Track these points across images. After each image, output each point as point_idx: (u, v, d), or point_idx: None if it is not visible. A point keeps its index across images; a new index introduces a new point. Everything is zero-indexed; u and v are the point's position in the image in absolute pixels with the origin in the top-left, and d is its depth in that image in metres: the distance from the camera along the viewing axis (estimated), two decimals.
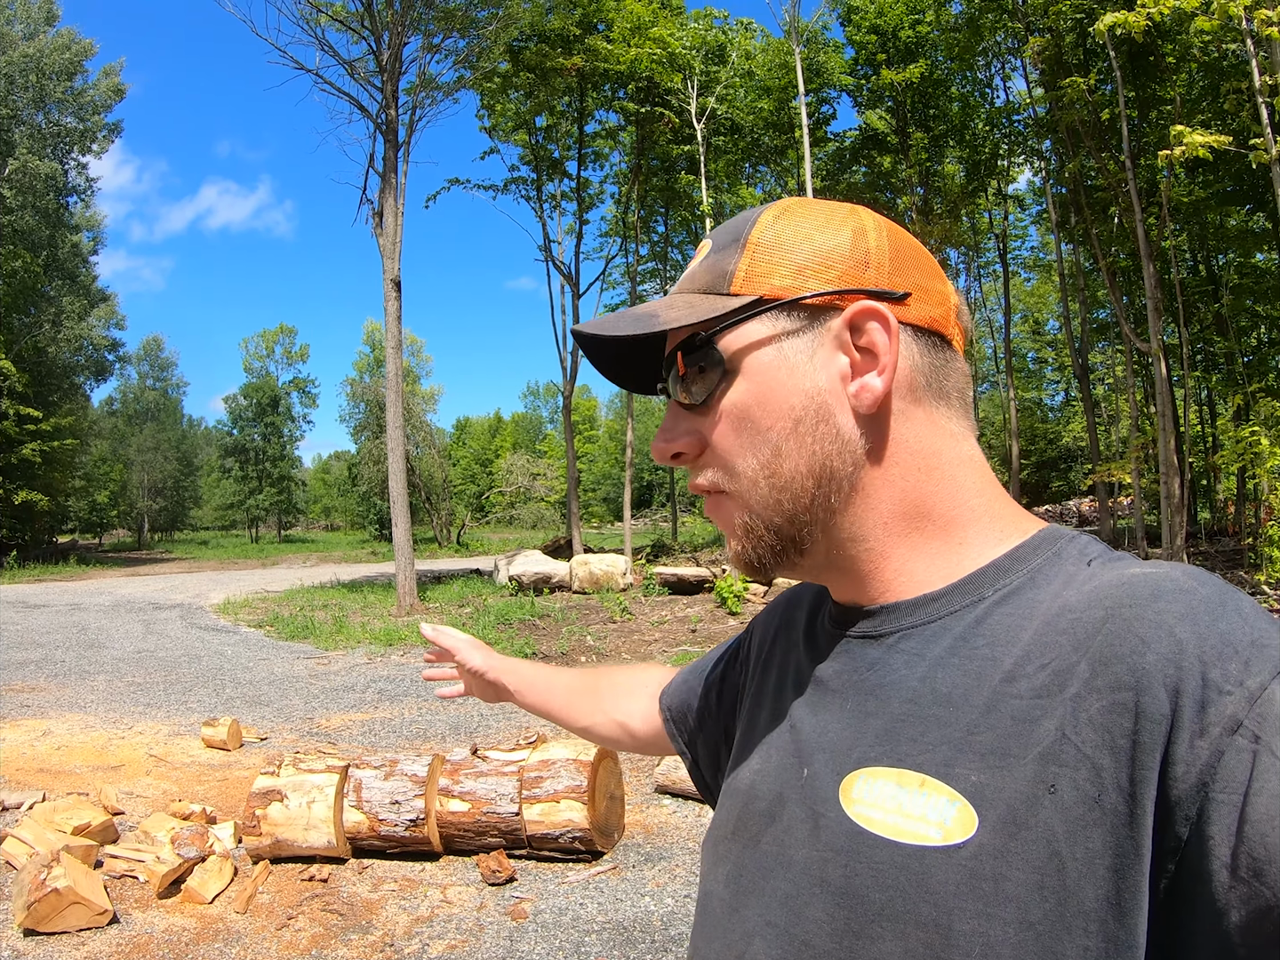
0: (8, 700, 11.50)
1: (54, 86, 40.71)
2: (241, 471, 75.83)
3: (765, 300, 0.88)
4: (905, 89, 29.97)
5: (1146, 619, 0.71)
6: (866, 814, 0.80)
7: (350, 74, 23.04)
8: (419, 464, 53.56)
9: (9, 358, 38.13)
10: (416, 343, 73.29)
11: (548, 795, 5.77)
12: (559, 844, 5.82)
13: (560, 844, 5.82)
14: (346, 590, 25.99)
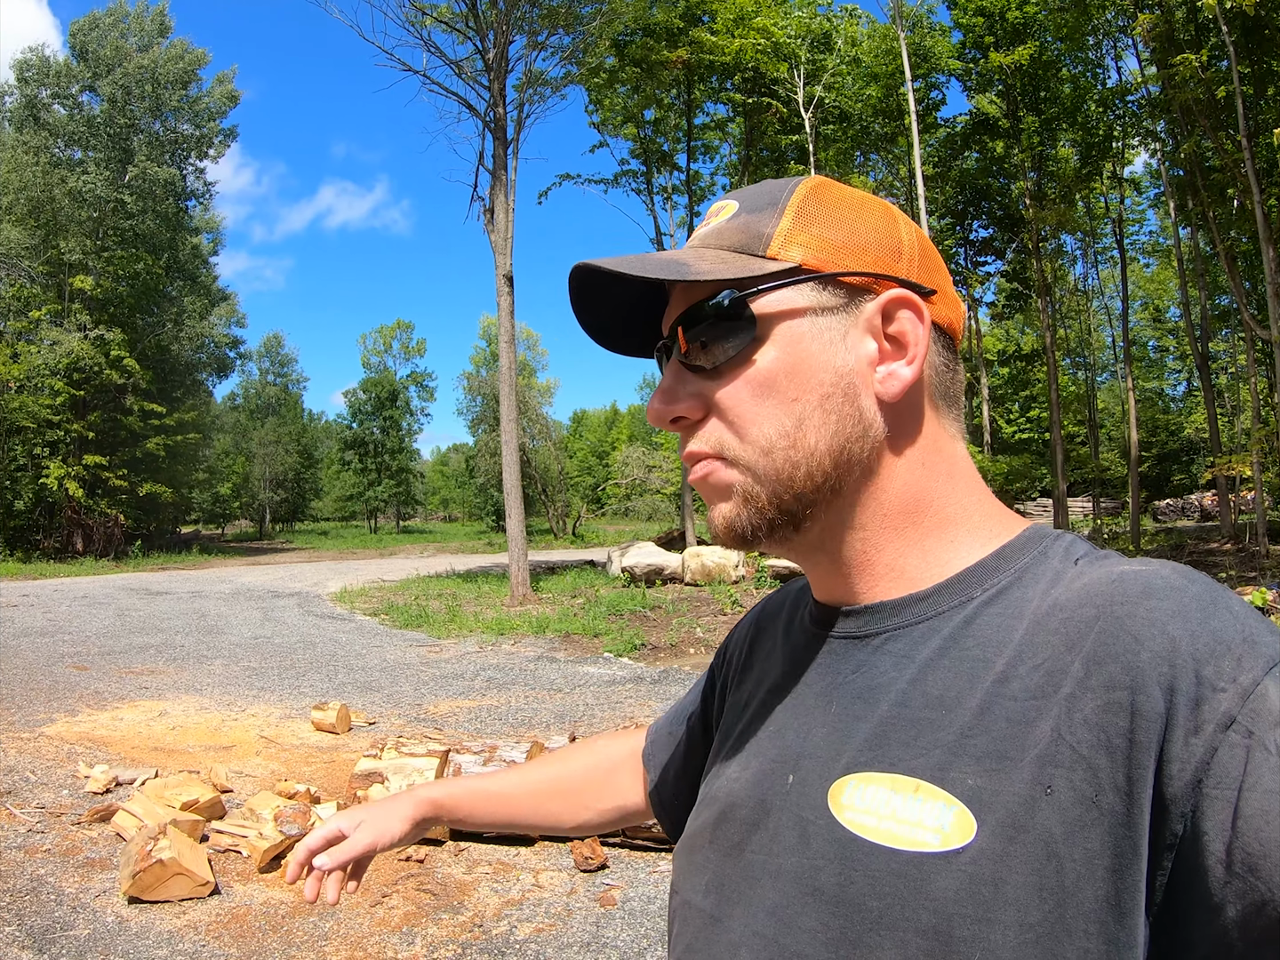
0: (128, 682, 11.98)
1: (169, 95, 42.22)
2: (361, 464, 76.74)
3: (804, 270, 0.87)
4: (1015, 71, 29.27)
5: (1139, 617, 0.72)
6: (859, 820, 0.79)
7: (458, 74, 23.39)
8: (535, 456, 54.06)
9: (133, 356, 39.40)
10: (532, 336, 73.50)
11: None
12: (652, 833, 5.88)
13: (654, 833, 5.87)
14: (461, 580, 26.31)
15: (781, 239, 0.88)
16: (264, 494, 73.66)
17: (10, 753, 8.50)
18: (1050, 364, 32.23)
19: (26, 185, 37.68)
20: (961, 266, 36.43)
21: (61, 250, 38.57)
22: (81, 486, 37.25)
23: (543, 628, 16.61)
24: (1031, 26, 29.35)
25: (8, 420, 36.54)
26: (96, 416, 39.08)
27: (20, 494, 37.36)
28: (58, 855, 6.03)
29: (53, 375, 36.68)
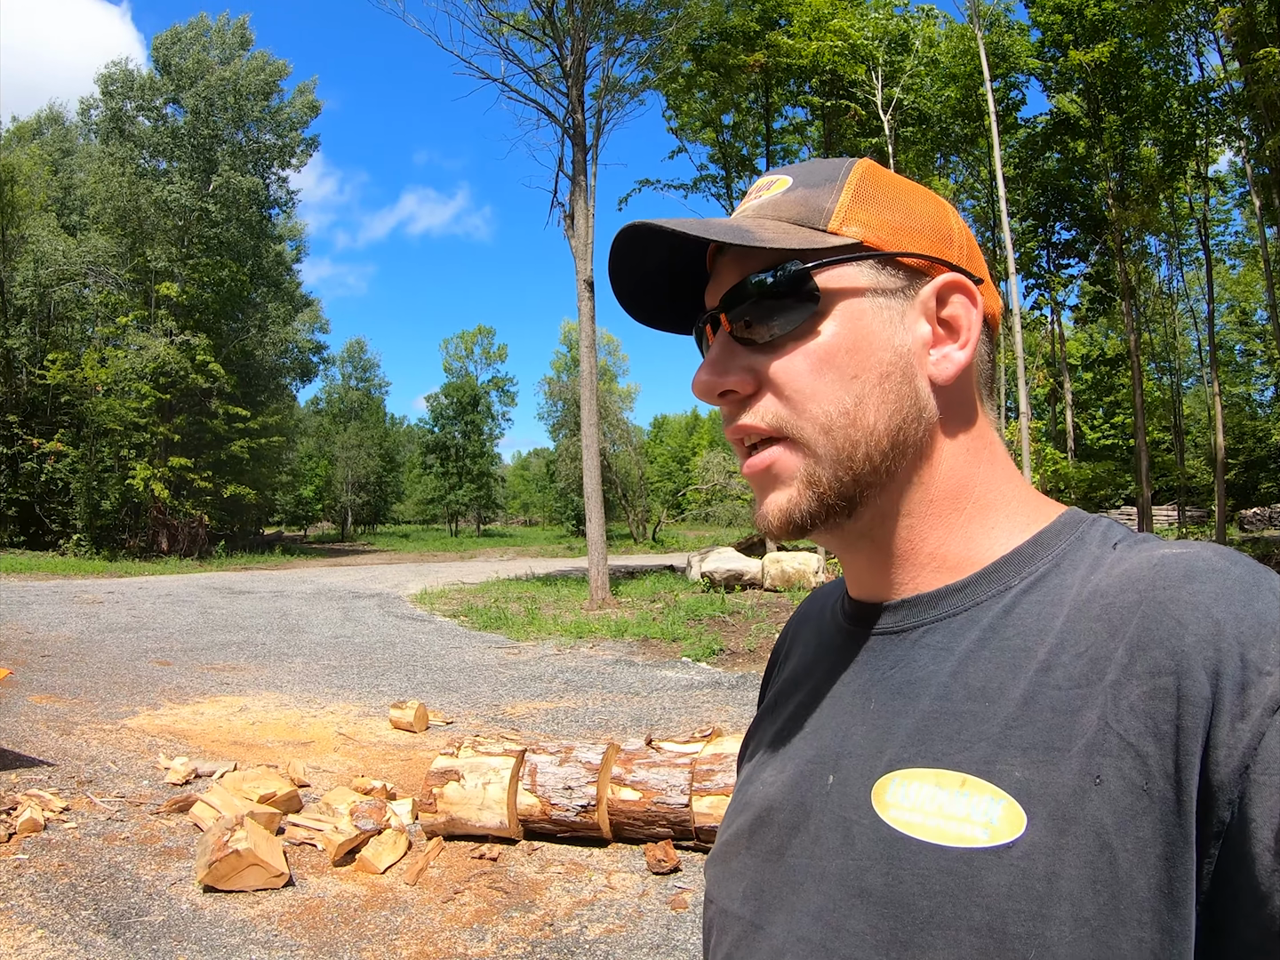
0: (210, 678, 12.21)
1: (251, 106, 43.26)
2: (442, 468, 77.42)
3: (864, 247, 0.86)
4: (1095, 69, 28.76)
5: (1182, 600, 0.70)
6: (905, 818, 0.77)
7: (535, 81, 23.62)
8: (615, 461, 54.21)
9: (218, 361, 40.16)
10: (613, 341, 73.72)
11: (718, 789, 5.78)
12: None
13: None
14: (541, 583, 26.44)
15: (842, 215, 0.87)
16: (346, 496, 74.77)
17: (93, 743, 8.67)
18: (1135, 369, 31.58)
19: (113, 195, 38.66)
20: (1044, 269, 35.89)
21: (148, 258, 39.53)
22: (167, 488, 38.03)
23: (621, 631, 16.64)
24: (1110, 23, 28.80)
25: (96, 423, 37.50)
26: (182, 419, 39.84)
27: (107, 494, 38.19)
28: (136, 843, 6.12)
29: (139, 379, 37.50)
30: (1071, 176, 33.61)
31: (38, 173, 42.21)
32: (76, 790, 7.21)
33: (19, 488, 39.06)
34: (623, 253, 0.92)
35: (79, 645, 14.52)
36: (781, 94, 31.11)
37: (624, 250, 0.92)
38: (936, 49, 29.56)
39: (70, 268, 38.11)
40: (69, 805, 6.81)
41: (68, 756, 8.17)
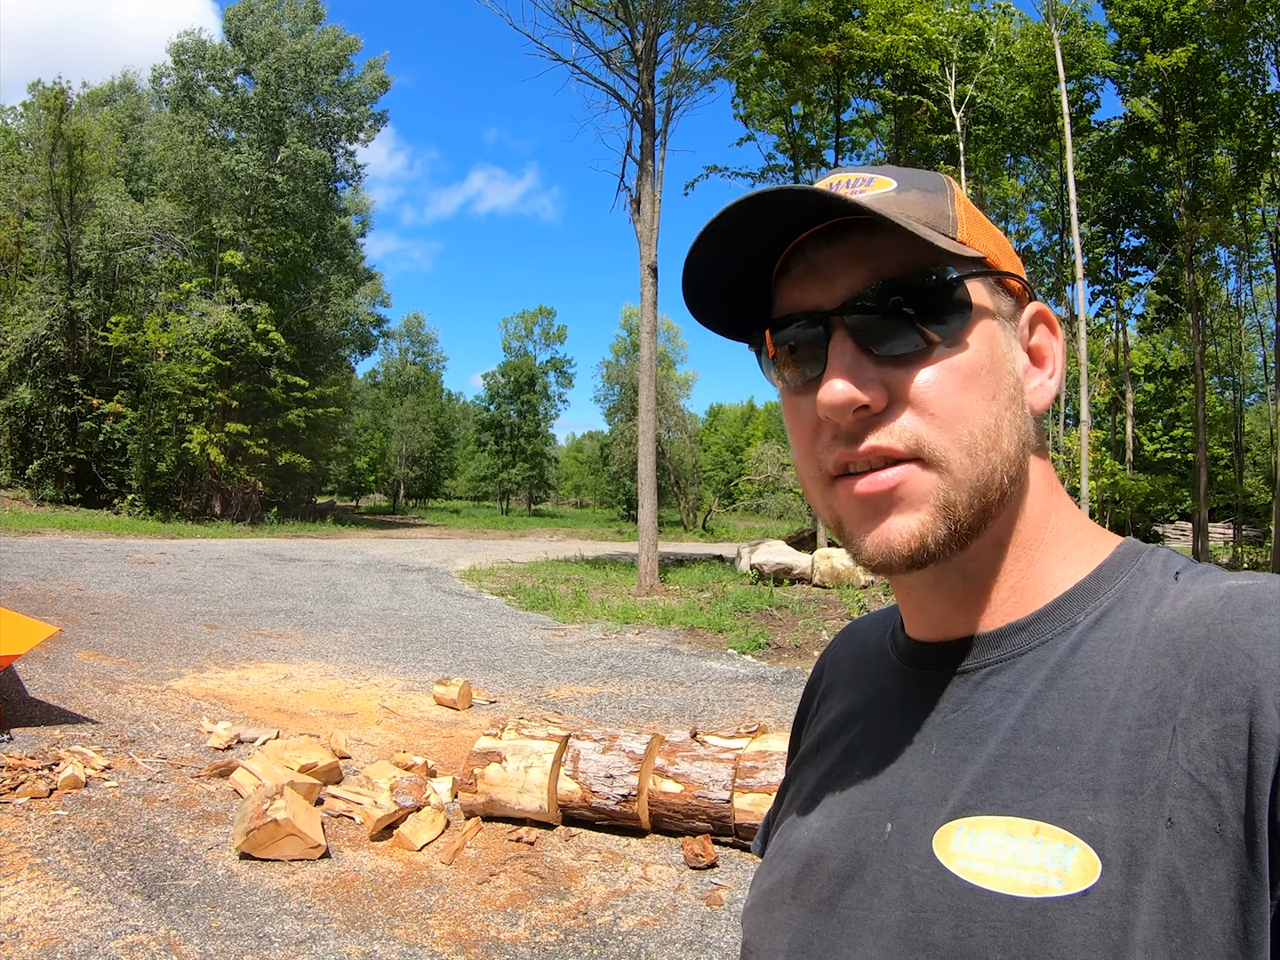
0: (256, 644, 12.30)
1: (321, 80, 43.44)
2: (497, 446, 77.74)
3: (988, 264, 0.83)
4: (1172, 75, 28.28)
5: (1251, 635, 0.68)
6: (975, 869, 0.74)
7: (606, 64, 23.58)
8: (669, 448, 54.27)
9: (279, 330, 40.48)
10: (672, 328, 73.68)
11: (761, 786, 5.73)
12: None
13: None
14: (589, 566, 26.48)
15: (965, 226, 0.83)
16: (400, 469, 75.26)
17: (137, 703, 8.74)
18: (1199, 382, 31.06)
19: (181, 163, 39.14)
20: (1111, 275, 35.37)
21: (213, 226, 40.00)
22: (223, 453, 38.46)
23: (668, 619, 16.61)
24: (1189, 28, 28.26)
25: (155, 386, 37.97)
26: (241, 386, 40.26)
27: (164, 456, 38.79)
28: (175, 806, 6.16)
29: (200, 345, 37.91)
30: (1143, 183, 33.07)
31: (107, 138, 42.61)
32: (119, 749, 7.27)
33: (77, 446, 39.69)
34: (728, 228, 0.83)
35: (129, 605, 14.67)
36: (852, 86, 30.87)
37: (733, 223, 0.82)
38: (1011, 47, 29.15)
39: (136, 233, 38.54)
40: (111, 764, 6.87)
41: (112, 715, 8.24)
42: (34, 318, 38.56)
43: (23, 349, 38.28)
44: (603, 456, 73.52)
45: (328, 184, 46.00)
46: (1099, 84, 32.05)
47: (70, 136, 38.27)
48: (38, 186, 39.57)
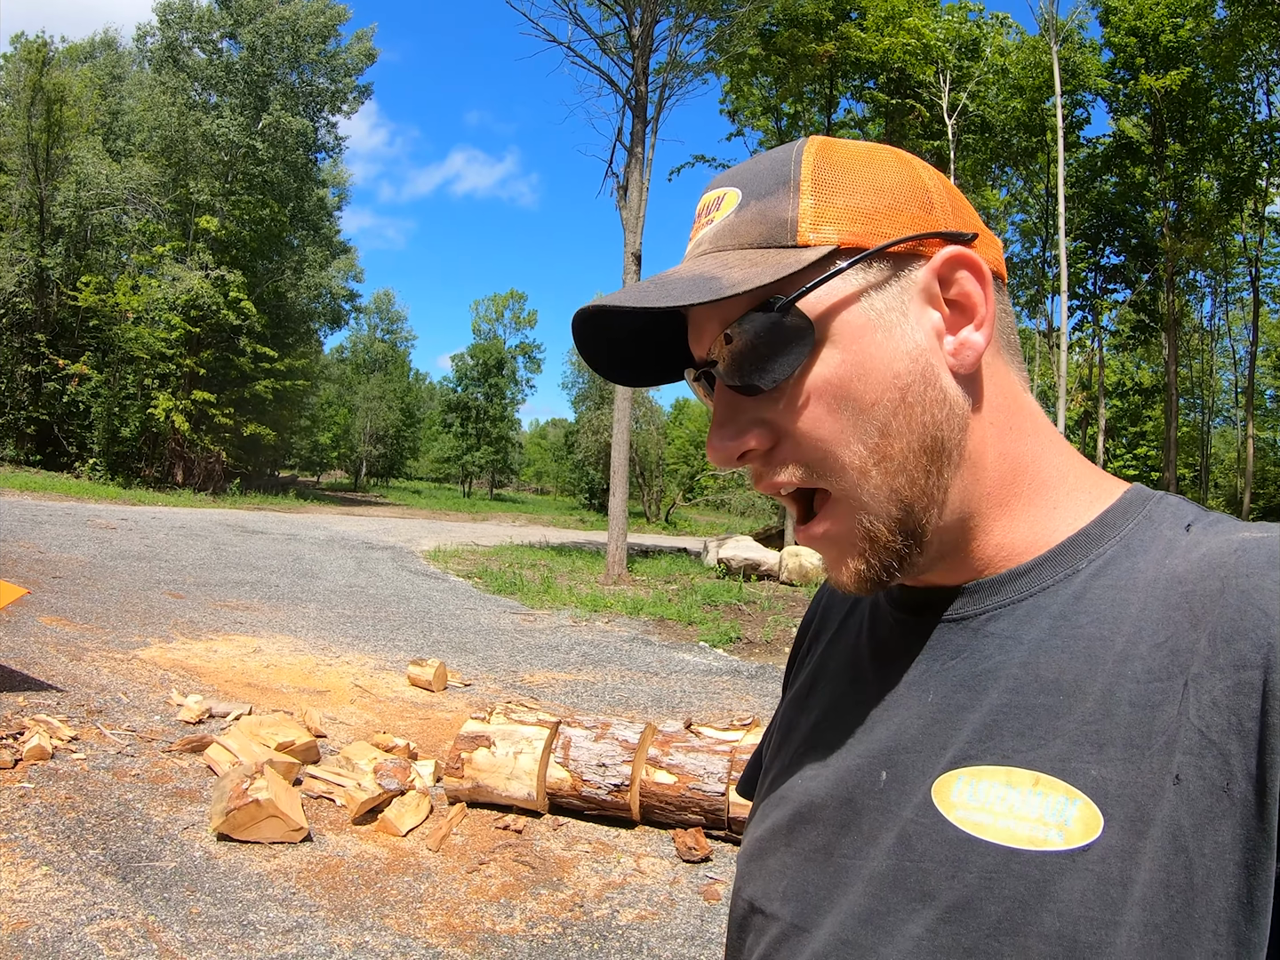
0: (223, 615, 12.05)
1: (308, 48, 43.03)
2: (462, 428, 77.76)
3: (844, 250, 0.76)
4: (1164, 97, 28.50)
5: (1267, 589, 0.65)
6: (973, 819, 0.71)
7: (601, 49, 23.37)
8: (637, 439, 54.21)
9: (251, 299, 40.02)
10: None
11: None
12: None
13: None
14: (555, 553, 26.33)
15: (809, 220, 0.77)
16: (363, 447, 74.87)
17: (103, 672, 8.49)
18: (1172, 401, 31.36)
19: (161, 124, 38.69)
20: (1090, 291, 35.61)
21: (190, 190, 39.49)
22: (188, 420, 37.97)
23: (637, 609, 16.54)
24: (1184, 52, 28.52)
25: (123, 349, 37.37)
26: (209, 354, 39.80)
27: (128, 421, 38.18)
28: (146, 781, 5.93)
29: (170, 310, 37.40)
30: (1127, 201, 33.29)
31: (87, 95, 41.92)
32: (86, 720, 7.02)
33: (40, 407, 39.04)
34: (585, 333, 0.85)
35: (91, 570, 14.35)
36: (844, 87, 30.88)
37: (586, 331, 0.85)
38: (1007, 58, 29.29)
39: (112, 192, 37.91)
40: (78, 735, 6.63)
41: (77, 683, 7.98)
42: (3, 273, 37.81)
43: None
44: (567, 444, 73.51)
45: (308, 154, 45.53)
46: (1091, 101, 32.31)
47: (50, 91, 37.63)
48: (14, 140, 38.76)
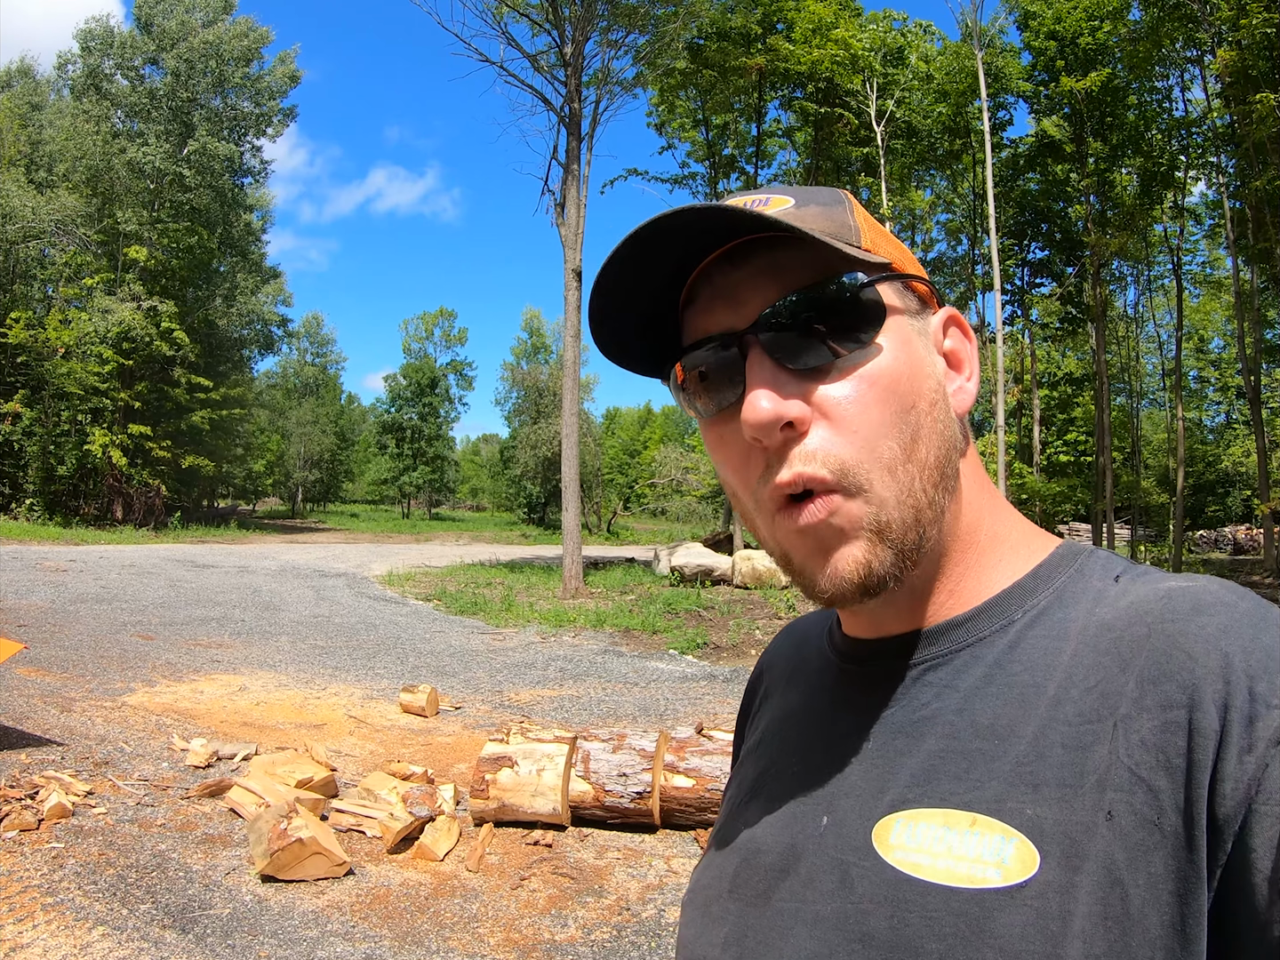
0: (199, 655, 12.00)
1: (232, 72, 42.55)
2: (397, 449, 77.36)
3: (894, 269, 0.82)
4: (1084, 98, 29.15)
5: (1191, 634, 0.69)
6: (912, 860, 0.74)
7: (534, 67, 23.47)
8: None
9: (183, 328, 39.49)
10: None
11: None
12: None
13: None
14: (507, 570, 26.36)
15: (866, 234, 0.82)
16: (299, 473, 74.04)
17: (98, 722, 8.47)
18: (1103, 388, 32.08)
19: (85, 154, 37.99)
20: (1018, 286, 36.27)
21: (118, 220, 38.80)
22: (125, 455, 37.42)
23: (600, 621, 16.71)
24: (1102, 53, 29.17)
25: (55, 385, 36.67)
26: (143, 387, 39.25)
27: (64, 459, 37.52)
28: (174, 830, 5.97)
29: (102, 343, 36.83)
30: (1050, 198, 33.94)
31: (7, 126, 41.21)
32: (94, 772, 7.02)
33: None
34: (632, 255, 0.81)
35: (54, 615, 14.22)
36: (772, 97, 31.23)
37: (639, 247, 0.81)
38: (931, 64, 29.81)
39: (37, 225, 37.21)
40: (92, 788, 6.63)
41: (75, 735, 7.96)
42: None
43: None
44: (503, 460, 73.23)
45: (234, 179, 45.07)
46: (1012, 103, 32.91)
47: None
48: None
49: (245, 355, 53.20)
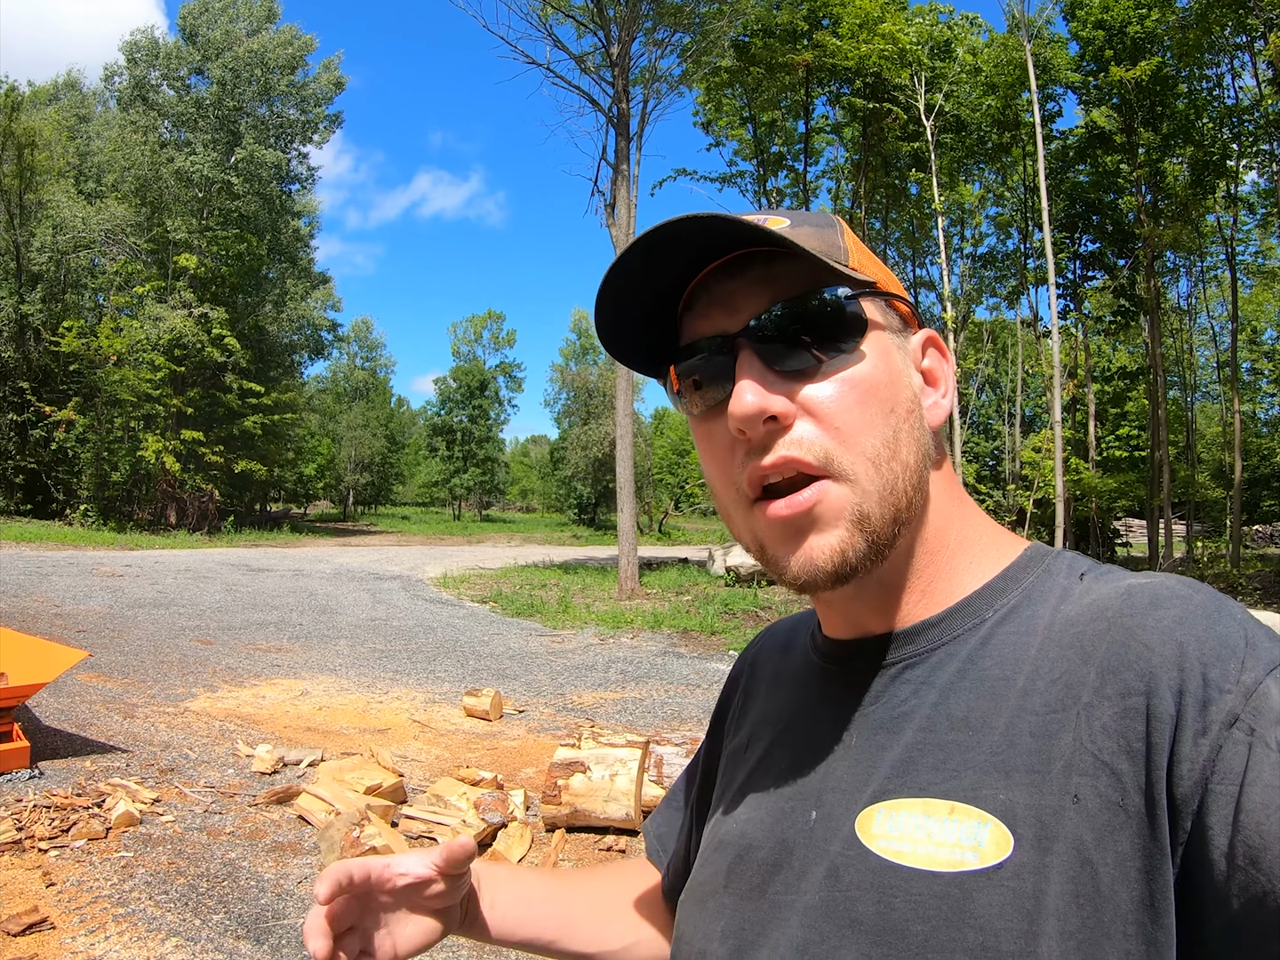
0: (258, 659, 12.04)
1: (277, 80, 42.78)
2: (448, 451, 77.87)
3: (879, 288, 0.87)
4: (1134, 87, 28.69)
5: (1148, 626, 0.73)
6: (894, 847, 0.78)
7: (580, 68, 23.40)
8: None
9: (233, 334, 39.84)
10: None
11: None
12: None
13: None
14: (561, 571, 26.37)
15: (854, 255, 0.87)
16: (349, 476, 74.50)
17: (161, 728, 8.46)
18: (1160, 382, 31.63)
19: (134, 164, 38.39)
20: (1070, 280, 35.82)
21: (167, 228, 39.19)
22: (178, 460, 37.76)
23: (658, 623, 16.64)
24: (1151, 41, 28.68)
25: (108, 392, 37.13)
26: (195, 393, 39.59)
27: (117, 465, 38.01)
28: (243, 838, 5.91)
29: (153, 350, 37.18)
30: (1101, 190, 33.47)
31: (57, 138, 41.75)
32: (160, 780, 7.00)
33: (27, 455, 38.79)
34: (639, 259, 0.86)
35: (112, 621, 14.31)
36: (819, 94, 31.00)
37: (644, 253, 0.85)
38: (979, 57, 29.45)
39: (88, 235, 37.69)
40: (159, 796, 6.61)
41: (139, 742, 7.95)
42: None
43: None
44: (553, 461, 73.44)
45: (282, 186, 45.39)
46: (1061, 94, 32.42)
47: (20, 136, 37.43)
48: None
49: (295, 360, 53.64)
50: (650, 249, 0.84)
